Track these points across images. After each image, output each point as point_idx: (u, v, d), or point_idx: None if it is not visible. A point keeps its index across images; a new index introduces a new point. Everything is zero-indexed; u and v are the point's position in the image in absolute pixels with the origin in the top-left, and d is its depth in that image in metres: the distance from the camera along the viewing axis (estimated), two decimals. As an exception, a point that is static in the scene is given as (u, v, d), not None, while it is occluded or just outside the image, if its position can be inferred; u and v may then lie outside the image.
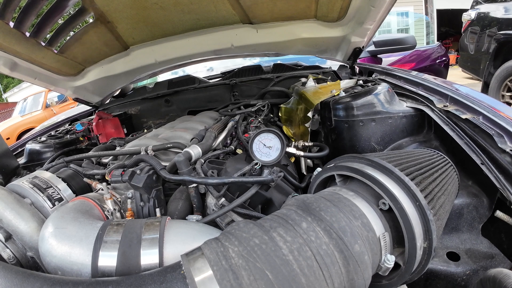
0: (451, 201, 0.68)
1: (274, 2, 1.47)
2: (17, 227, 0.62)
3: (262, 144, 0.84)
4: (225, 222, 0.76)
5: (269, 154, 0.83)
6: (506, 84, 3.88)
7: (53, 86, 1.69)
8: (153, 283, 0.41)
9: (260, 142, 0.84)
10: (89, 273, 0.51)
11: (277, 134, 0.83)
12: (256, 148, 0.83)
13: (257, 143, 0.83)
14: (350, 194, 0.56)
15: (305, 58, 2.49)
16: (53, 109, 7.69)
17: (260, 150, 0.83)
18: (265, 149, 0.84)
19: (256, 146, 0.83)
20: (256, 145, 0.83)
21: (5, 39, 1.22)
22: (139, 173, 0.77)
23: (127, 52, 1.76)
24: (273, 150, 0.83)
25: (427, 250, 0.51)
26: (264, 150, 0.83)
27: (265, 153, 0.83)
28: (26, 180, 0.76)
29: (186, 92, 2.01)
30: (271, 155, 0.83)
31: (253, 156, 0.81)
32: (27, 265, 0.64)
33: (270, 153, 0.83)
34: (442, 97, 1.09)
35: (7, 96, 15.82)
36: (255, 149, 0.82)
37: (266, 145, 0.84)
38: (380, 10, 1.34)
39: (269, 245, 0.42)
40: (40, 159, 1.33)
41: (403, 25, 9.13)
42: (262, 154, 0.83)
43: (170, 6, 1.44)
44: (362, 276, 0.45)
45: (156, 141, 1.05)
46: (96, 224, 0.57)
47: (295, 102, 1.52)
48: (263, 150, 0.83)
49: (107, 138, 1.62)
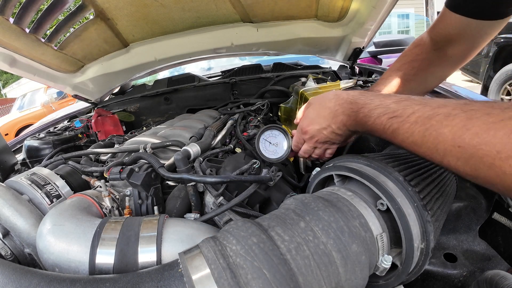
0: (449, 203, 0.68)
1: (275, 1, 1.47)
2: (15, 224, 0.62)
3: (268, 142, 0.82)
4: (223, 221, 0.76)
5: (275, 151, 0.81)
6: (506, 87, 3.88)
7: (52, 83, 1.69)
8: (150, 281, 0.41)
9: (265, 140, 0.82)
10: (87, 270, 0.51)
11: (281, 130, 0.82)
12: (263, 146, 0.81)
13: (263, 141, 0.82)
14: (348, 195, 0.56)
15: (305, 58, 2.49)
16: (52, 106, 7.67)
17: (266, 148, 0.82)
18: (271, 146, 0.82)
19: (262, 145, 0.82)
20: (262, 143, 0.81)
21: (5, 35, 1.21)
22: (138, 171, 0.77)
23: (127, 49, 1.76)
24: (279, 147, 0.82)
25: (424, 251, 0.51)
26: (270, 148, 0.82)
27: (271, 151, 0.81)
28: (24, 177, 0.75)
29: (186, 90, 2.01)
30: (277, 152, 0.81)
31: (261, 155, 0.80)
32: (25, 262, 0.64)
33: (277, 151, 0.82)
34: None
35: (6, 91, 15.77)
36: (261, 148, 0.81)
37: (271, 143, 0.82)
38: (381, 11, 1.34)
39: (267, 244, 0.42)
40: (38, 156, 1.32)
41: (403, 27, 9.13)
42: (269, 152, 0.81)
43: (170, 3, 1.43)
44: (359, 276, 0.45)
45: (155, 139, 1.05)
46: (94, 222, 0.57)
47: (295, 101, 1.52)
48: (269, 148, 0.82)
49: (106, 135, 1.61)
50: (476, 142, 0.39)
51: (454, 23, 0.75)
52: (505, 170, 0.36)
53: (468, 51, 0.80)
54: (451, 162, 0.43)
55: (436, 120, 0.45)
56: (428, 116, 0.46)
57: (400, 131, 0.50)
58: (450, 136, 0.42)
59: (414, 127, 0.47)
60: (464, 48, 0.79)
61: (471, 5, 0.71)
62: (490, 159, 0.37)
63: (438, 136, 0.44)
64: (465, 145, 0.40)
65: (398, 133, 0.51)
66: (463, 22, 0.73)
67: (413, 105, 0.49)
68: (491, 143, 0.37)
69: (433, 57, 0.83)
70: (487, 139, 0.38)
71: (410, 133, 0.48)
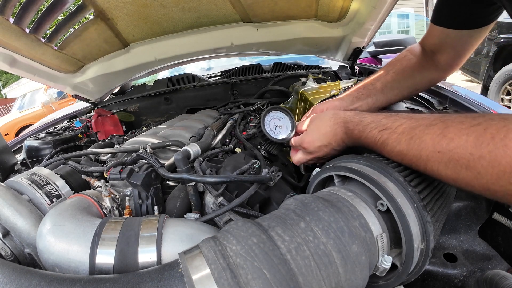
0: (449, 203, 0.68)
1: (275, 1, 1.47)
2: (15, 224, 0.62)
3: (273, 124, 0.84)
4: (223, 221, 0.76)
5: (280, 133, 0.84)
6: (506, 87, 3.88)
7: (52, 83, 1.68)
8: (150, 281, 0.41)
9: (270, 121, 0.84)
10: (87, 270, 0.51)
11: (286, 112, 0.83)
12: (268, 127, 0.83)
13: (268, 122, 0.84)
14: (348, 195, 0.56)
15: (305, 58, 2.49)
16: (52, 106, 7.67)
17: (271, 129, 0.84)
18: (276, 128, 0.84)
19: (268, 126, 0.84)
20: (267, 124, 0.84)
21: (5, 35, 1.21)
22: (138, 171, 0.77)
23: (127, 49, 1.76)
24: (283, 129, 0.84)
25: (424, 252, 0.51)
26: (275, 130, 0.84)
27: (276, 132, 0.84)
28: (24, 177, 0.75)
29: (186, 90, 2.01)
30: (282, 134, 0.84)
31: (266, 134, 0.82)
32: (25, 262, 0.64)
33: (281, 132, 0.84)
34: (441, 99, 1.09)
35: (6, 91, 15.77)
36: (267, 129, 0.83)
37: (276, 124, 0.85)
38: (381, 11, 1.34)
39: (267, 244, 0.42)
40: (38, 156, 1.32)
41: (403, 27, 9.13)
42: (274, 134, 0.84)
43: (170, 3, 1.43)
44: (359, 276, 0.45)
45: (155, 139, 1.05)
46: (94, 222, 0.57)
47: (295, 101, 1.52)
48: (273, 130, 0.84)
49: (106, 135, 1.61)
50: (451, 147, 0.45)
51: (436, 35, 0.86)
52: (479, 170, 0.41)
53: (452, 59, 0.88)
54: (433, 167, 0.48)
55: (419, 129, 0.51)
56: (413, 127, 0.53)
57: (389, 141, 0.56)
58: (431, 143, 0.48)
59: (401, 136, 0.54)
60: (448, 56, 0.88)
61: (448, 17, 0.81)
62: (465, 161, 0.43)
63: (421, 143, 0.50)
64: (443, 149, 0.46)
65: (387, 143, 0.57)
66: (443, 33, 0.83)
67: (401, 119, 0.57)
68: (464, 146, 0.43)
69: (422, 61, 0.92)
70: (460, 143, 0.43)
71: (397, 142, 0.55)
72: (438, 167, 0.47)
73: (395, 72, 0.92)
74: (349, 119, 0.70)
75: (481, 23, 0.78)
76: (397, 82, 0.92)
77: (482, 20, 0.77)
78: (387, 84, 0.92)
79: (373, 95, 0.91)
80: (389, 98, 0.94)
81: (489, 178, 0.40)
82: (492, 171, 0.39)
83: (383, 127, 0.58)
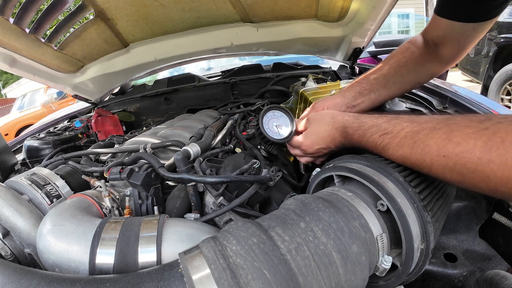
0: (449, 203, 0.68)
1: (275, 1, 1.47)
2: (15, 224, 0.62)
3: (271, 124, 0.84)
4: (223, 221, 0.76)
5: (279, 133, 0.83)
6: (506, 87, 3.88)
7: (52, 83, 1.69)
8: (150, 281, 0.41)
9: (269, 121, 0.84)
10: (87, 270, 0.51)
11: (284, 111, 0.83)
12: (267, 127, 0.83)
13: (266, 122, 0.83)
14: (348, 195, 0.56)
15: (305, 58, 2.49)
16: (52, 106, 7.68)
17: (270, 129, 0.83)
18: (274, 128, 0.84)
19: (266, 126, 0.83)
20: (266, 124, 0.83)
21: (5, 35, 1.21)
22: (138, 171, 0.77)
23: (127, 49, 1.76)
24: (282, 129, 0.83)
25: (424, 252, 0.51)
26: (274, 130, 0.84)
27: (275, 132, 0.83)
28: (24, 177, 0.75)
29: (186, 90, 2.01)
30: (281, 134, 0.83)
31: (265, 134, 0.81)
32: (25, 262, 0.64)
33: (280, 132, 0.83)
34: (441, 99, 1.09)
35: (6, 91, 15.77)
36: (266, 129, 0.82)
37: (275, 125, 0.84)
38: (381, 11, 1.34)
39: (267, 244, 0.42)
40: (38, 156, 1.32)
41: (403, 27, 9.13)
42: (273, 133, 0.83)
43: (170, 3, 1.43)
44: (359, 276, 0.45)
45: (155, 139, 1.05)
46: (94, 222, 0.57)
47: (295, 101, 1.52)
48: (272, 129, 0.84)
49: (106, 135, 1.61)
50: (458, 151, 0.44)
51: (440, 26, 0.84)
52: (488, 174, 0.41)
53: (455, 52, 0.87)
54: (438, 171, 0.48)
55: (423, 133, 0.51)
56: (416, 131, 0.52)
57: (391, 145, 0.56)
58: (436, 147, 0.48)
59: (404, 140, 0.54)
60: (451, 49, 0.86)
61: (453, 9, 0.80)
62: (473, 165, 0.42)
63: (425, 148, 0.49)
64: (449, 154, 0.46)
65: (389, 147, 0.57)
66: (448, 25, 0.82)
67: (402, 123, 0.56)
68: (471, 151, 0.43)
69: (424, 53, 0.90)
70: (467, 147, 0.43)
71: (400, 146, 0.54)
72: (443, 171, 0.47)
73: (398, 65, 0.91)
74: (348, 124, 0.69)
75: (486, 16, 0.77)
76: (400, 76, 0.91)
77: (487, 14, 0.77)
78: (390, 78, 0.91)
79: (376, 90, 0.91)
80: (392, 93, 0.93)
81: (498, 181, 0.40)
82: (502, 175, 0.39)
83: (384, 131, 0.58)
